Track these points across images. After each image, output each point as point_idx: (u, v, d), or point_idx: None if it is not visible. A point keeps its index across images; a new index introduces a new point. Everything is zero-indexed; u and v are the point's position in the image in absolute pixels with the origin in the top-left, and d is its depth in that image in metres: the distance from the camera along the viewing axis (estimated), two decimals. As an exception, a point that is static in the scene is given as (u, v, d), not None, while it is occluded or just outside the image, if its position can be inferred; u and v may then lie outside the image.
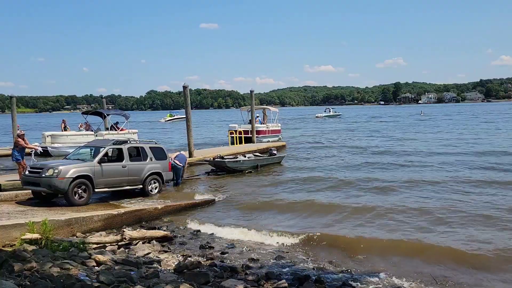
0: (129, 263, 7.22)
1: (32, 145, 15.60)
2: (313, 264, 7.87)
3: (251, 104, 29.50)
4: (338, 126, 53.71)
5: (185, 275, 6.70)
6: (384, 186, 14.52)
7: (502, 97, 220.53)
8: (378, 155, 23.52)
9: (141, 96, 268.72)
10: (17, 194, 12.48)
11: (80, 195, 11.69)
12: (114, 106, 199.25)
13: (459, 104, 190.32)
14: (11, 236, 8.32)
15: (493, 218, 10.24)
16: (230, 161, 18.12)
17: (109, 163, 12.72)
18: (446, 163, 19.19)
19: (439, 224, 9.94)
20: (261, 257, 8.20)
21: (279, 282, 6.54)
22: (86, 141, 17.26)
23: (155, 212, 11.31)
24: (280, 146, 27.43)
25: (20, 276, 5.56)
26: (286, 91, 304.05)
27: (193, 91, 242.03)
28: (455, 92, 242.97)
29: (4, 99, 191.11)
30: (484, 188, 13.78)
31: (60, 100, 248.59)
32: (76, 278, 5.76)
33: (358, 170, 18.56)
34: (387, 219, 10.45)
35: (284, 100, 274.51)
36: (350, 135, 39.15)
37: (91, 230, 9.68)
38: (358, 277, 7.17)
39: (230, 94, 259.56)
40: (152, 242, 9.03)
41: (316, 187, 14.88)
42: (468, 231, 9.39)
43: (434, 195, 12.97)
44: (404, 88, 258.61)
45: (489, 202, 11.84)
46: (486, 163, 19.00)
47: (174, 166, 15.06)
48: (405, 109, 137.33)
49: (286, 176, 17.41)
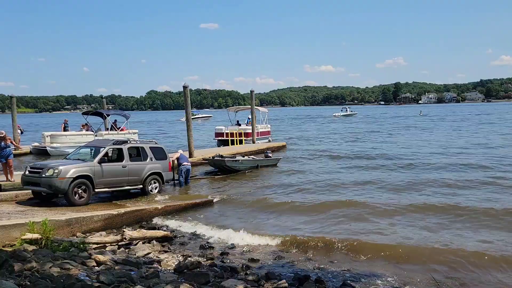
0: (129, 263, 7.22)
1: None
2: (313, 264, 7.88)
3: (251, 104, 29.21)
4: (362, 127, 52.25)
5: (185, 275, 6.70)
6: (384, 187, 14.54)
7: (503, 97, 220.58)
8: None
9: (141, 96, 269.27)
10: (17, 194, 12.47)
11: (80, 195, 11.69)
12: (114, 106, 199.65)
13: (459, 104, 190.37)
14: (11, 236, 8.32)
15: (494, 218, 10.24)
16: (230, 160, 18.12)
17: (109, 163, 12.72)
18: (447, 164, 19.19)
19: (440, 226, 9.94)
20: (261, 257, 8.20)
21: (279, 282, 6.54)
22: (85, 141, 17.28)
23: (155, 212, 11.31)
24: (280, 147, 27.37)
25: (20, 276, 5.56)
26: (286, 91, 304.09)
27: (193, 91, 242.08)
28: (455, 92, 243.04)
29: (4, 99, 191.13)
30: (484, 188, 13.78)
31: (60, 100, 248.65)
32: (76, 278, 5.77)
33: (359, 170, 18.58)
34: (387, 220, 10.45)
35: (284, 100, 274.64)
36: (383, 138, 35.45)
37: (91, 230, 9.68)
38: (358, 277, 7.16)
39: (230, 94, 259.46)
40: (152, 242, 9.03)
41: (316, 188, 14.87)
42: (469, 231, 9.40)
43: (434, 196, 12.98)
44: (404, 88, 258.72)
45: (489, 202, 11.84)
46: (491, 163, 19.01)
47: (187, 169, 15.47)
48: (405, 109, 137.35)
49: (286, 177, 17.42)
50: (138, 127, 38.03)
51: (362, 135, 38.08)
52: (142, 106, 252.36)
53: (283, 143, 28.97)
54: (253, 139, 28.44)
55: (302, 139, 35.56)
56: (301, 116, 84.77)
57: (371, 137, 35.79)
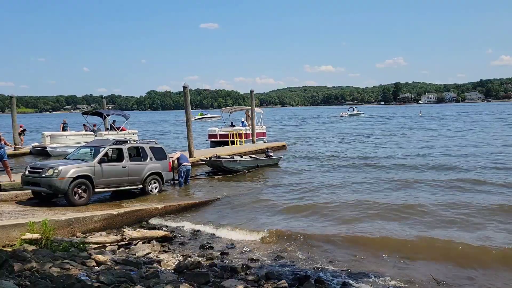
0: (129, 263, 7.22)
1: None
2: (313, 264, 7.87)
3: (251, 104, 29.12)
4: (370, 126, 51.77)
5: (185, 275, 6.70)
6: (385, 186, 14.54)
7: (502, 97, 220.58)
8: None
9: (141, 96, 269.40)
10: (17, 194, 12.47)
11: (80, 195, 11.68)
12: (114, 106, 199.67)
13: (459, 105, 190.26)
14: (11, 236, 8.32)
15: (494, 218, 10.24)
16: (227, 161, 18.09)
17: (109, 163, 12.71)
18: (446, 163, 19.18)
19: (440, 225, 9.93)
20: (261, 257, 8.20)
21: (279, 282, 6.54)
22: (85, 141, 17.28)
23: (155, 212, 11.31)
24: (279, 147, 27.34)
25: (20, 276, 5.56)
26: (286, 91, 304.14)
27: (193, 91, 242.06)
28: (455, 92, 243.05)
29: (4, 99, 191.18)
30: (485, 188, 13.78)
31: (60, 100, 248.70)
32: (76, 278, 5.77)
33: (359, 169, 18.57)
34: (387, 220, 10.45)
35: (284, 100, 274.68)
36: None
37: (91, 230, 9.68)
38: (359, 277, 7.16)
39: (230, 94, 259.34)
40: (152, 242, 9.03)
41: (316, 188, 14.86)
42: (469, 232, 9.38)
43: (435, 195, 12.98)
44: (404, 88, 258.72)
45: (489, 202, 11.84)
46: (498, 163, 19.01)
47: (187, 170, 15.47)
48: (405, 109, 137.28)
49: (286, 177, 17.41)
50: (141, 127, 37.86)
51: (374, 137, 36.89)
52: (142, 106, 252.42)
53: (283, 143, 28.85)
54: (253, 139, 28.40)
55: (317, 140, 35.12)
56: (307, 116, 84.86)
57: (376, 139, 35.07)
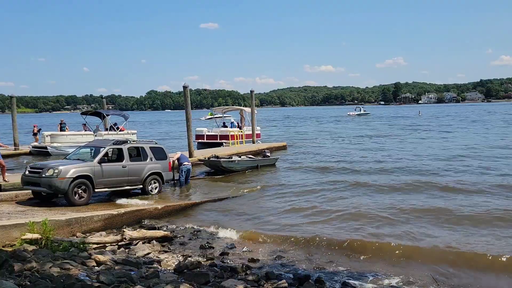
0: (129, 263, 7.22)
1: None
2: (313, 264, 7.87)
3: (251, 104, 29.03)
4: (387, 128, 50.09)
5: (185, 275, 6.70)
6: (384, 187, 14.53)
7: (502, 97, 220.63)
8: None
9: (141, 96, 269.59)
10: (17, 194, 12.47)
11: (80, 195, 11.69)
12: (114, 106, 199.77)
13: (459, 105, 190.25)
14: (11, 236, 8.32)
15: (495, 218, 10.24)
16: (225, 161, 18.09)
17: (109, 163, 12.72)
18: (447, 167, 19.16)
19: (440, 225, 9.94)
20: (261, 257, 8.20)
21: (279, 282, 6.54)
22: (85, 141, 17.28)
23: (155, 212, 11.31)
24: (279, 147, 27.32)
25: (20, 276, 5.56)
26: (286, 91, 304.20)
27: (193, 91, 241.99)
28: (455, 92, 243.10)
29: (4, 99, 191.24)
30: (484, 190, 13.77)
31: (60, 100, 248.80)
32: (76, 278, 5.77)
33: (359, 169, 18.56)
34: (387, 221, 10.43)
35: (284, 100, 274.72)
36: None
37: (91, 230, 9.68)
38: (358, 277, 7.16)
39: (230, 94, 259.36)
40: (152, 242, 9.03)
41: (317, 188, 14.86)
42: (469, 232, 9.39)
43: (434, 197, 12.97)
44: (404, 88, 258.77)
45: (489, 202, 11.84)
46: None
47: (187, 169, 15.49)
48: (405, 109, 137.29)
49: (286, 178, 17.41)
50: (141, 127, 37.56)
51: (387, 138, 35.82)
52: (142, 106, 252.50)
53: (284, 143, 28.74)
54: (253, 139, 28.35)
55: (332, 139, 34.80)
56: (313, 116, 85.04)
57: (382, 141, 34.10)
